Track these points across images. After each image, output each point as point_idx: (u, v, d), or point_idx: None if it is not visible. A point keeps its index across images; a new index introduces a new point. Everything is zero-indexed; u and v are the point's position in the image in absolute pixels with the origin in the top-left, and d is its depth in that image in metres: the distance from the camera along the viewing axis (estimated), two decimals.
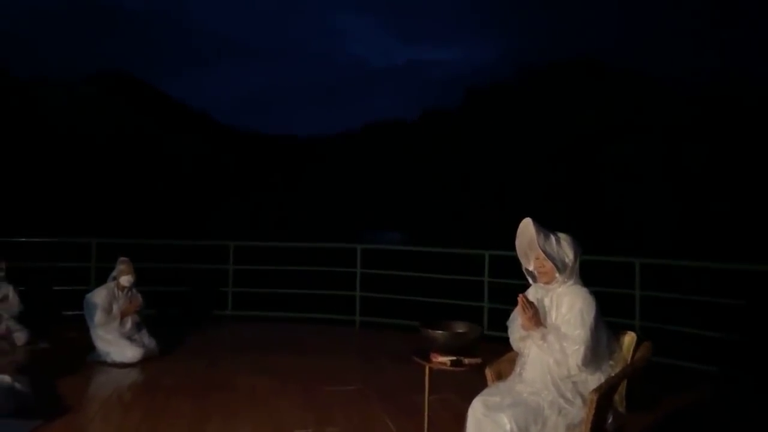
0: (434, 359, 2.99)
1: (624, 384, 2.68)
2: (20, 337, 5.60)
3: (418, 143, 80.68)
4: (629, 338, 2.77)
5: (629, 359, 2.73)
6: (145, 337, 5.49)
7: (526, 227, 2.78)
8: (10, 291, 5.79)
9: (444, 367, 2.95)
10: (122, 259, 5.57)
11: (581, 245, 2.79)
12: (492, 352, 3.13)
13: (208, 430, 3.71)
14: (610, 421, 2.60)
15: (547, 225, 2.87)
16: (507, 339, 3.56)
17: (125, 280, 5.47)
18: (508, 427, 2.48)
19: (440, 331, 3.00)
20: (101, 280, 6.51)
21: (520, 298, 2.73)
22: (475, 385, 4.23)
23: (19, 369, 4.24)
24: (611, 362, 2.69)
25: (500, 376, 2.89)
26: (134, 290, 5.61)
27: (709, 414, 4.31)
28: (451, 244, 9.59)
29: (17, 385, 3.98)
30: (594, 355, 2.60)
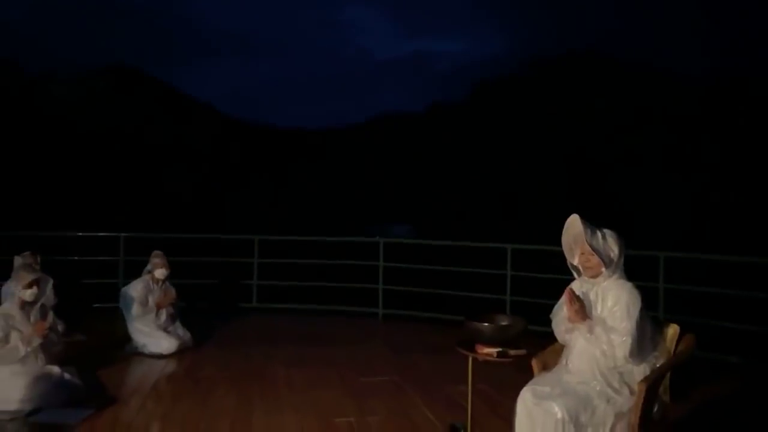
0: (480, 350, 3.09)
1: (668, 374, 2.77)
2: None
3: (425, 136, 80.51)
4: (672, 330, 2.86)
5: (673, 350, 2.82)
6: (180, 329, 5.63)
7: (573, 223, 2.86)
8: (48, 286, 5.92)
9: (490, 358, 3.05)
10: (156, 252, 5.70)
11: (625, 241, 2.88)
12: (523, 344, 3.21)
13: (254, 419, 3.83)
14: (656, 409, 2.70)
15: (556, 218, 2.95)
16: (537, 331, 3.67)
17: (160, 273, 5.60)
18: (559, 415, 2.57)
19: (487, 324, 3.10)
20: (129, 273, 6.69)
21: (567, 291, 2.82)
22: (504, 376, 4.38)
23: (63, 360, 4.35)
24: (656, 353, 2.78)
25: (546, 367, 2.98)
26: (168, 283, 5.74)
27: (740, 403, 4.43)
28: (458, 237, 9.69)
29: (66, 376, 4.11)
30: (640, 347, 2.68)
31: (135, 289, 5.50)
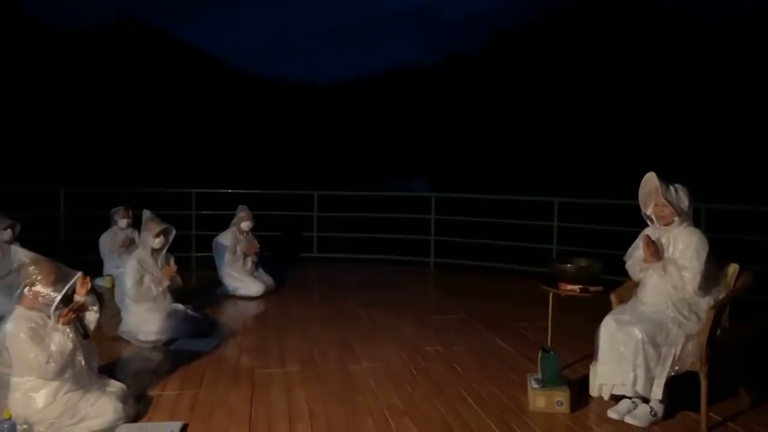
0: (564, 287, 3.66)
1: (728, 305, 3.32)
2: None
3: (440, 88, 79.69)
4: (732, 269, 3.40)
5: (732, 285, 3.36)
6: (264, 275, 6.27)
7: (650, 179, 3.36)
8: (136, 236, 6.57)
9: (574, 293, 3.62)
10: (242, 206, 6.29)
11: (694, 194, 3.39)
12: None
13: (357, 349, 4.45)
14: (719, 333, 3.26)
15: (575, 171, 3.44)
16: None
17: (245, 225, 6.21)
18: (639, 336, 3.15)
19: (570, 265, 3.65)
20: (200, 226, 7.34)
21: (644, 237, 3.35)
22: (557, 316, 4.97)
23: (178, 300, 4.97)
24: (719, 287, 3.32)
25: (622, 300, 3.55)
26: (251, 234, 6.35)
27: None
28: (474, 191, 10.11)
29: (190, 311, 4.78)
30: (706, 282, 3.23)
31: (225, 238, 6.11)
